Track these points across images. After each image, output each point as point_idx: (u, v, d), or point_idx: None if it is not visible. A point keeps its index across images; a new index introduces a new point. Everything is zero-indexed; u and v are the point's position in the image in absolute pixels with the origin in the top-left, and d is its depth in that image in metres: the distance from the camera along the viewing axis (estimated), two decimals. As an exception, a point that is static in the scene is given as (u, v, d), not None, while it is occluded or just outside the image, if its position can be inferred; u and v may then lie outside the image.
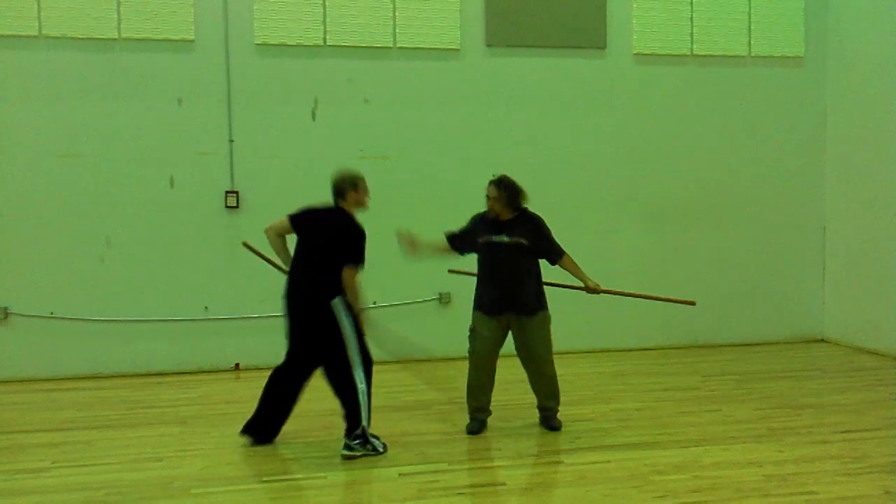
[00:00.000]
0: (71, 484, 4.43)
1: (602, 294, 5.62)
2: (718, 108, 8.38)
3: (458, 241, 5.69)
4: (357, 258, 5.06)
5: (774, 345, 8.34)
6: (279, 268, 5.49)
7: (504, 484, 4.36)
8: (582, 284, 5.55)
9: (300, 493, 4.25)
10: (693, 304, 5.66)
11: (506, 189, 5.37)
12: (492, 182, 5.46)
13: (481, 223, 5.53)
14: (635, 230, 8.23)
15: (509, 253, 5.31)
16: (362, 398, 4.92)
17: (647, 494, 4.16)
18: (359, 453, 4.81)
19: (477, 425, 5.30)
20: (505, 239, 5.32)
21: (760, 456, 4.77)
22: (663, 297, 5.75)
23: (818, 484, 4.30)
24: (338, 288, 4.96)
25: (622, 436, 5.21)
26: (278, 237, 5.34)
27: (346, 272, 4.97)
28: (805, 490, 4.21)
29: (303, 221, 5.26)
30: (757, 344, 8.34)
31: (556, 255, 5.49)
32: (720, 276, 8.40)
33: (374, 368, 5.07)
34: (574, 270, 5.54)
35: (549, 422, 5.34)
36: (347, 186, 5.22)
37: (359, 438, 4.86)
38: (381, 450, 4.90)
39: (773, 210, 8.50)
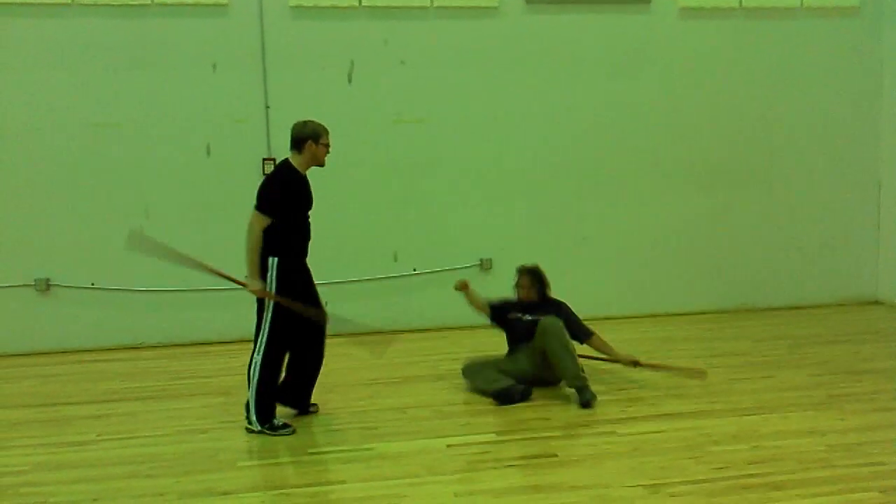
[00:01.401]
0: (115, 457, 4.39)
1: (639, 365, 5.62)
2: (768, 64, 8.03)
3: (495, 311, 5.93)
4: (258, 202, 4.76)
5: (826, 307, 8.08)
6: None
7: (556, 455, 4.23)
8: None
9: (346, 465, 4.16)
10: (704, 374, 5.39)
11: (537, 279, 5.83)
12: (524, 272, 5.88)
13: (512, 304, 5.90)
14: (683, 193, 7.97)
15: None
16: (253, 370, 4.77)
17: (704, 466, 4.01)
18: (253, 428, 4.74)
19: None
20: (536, 317, 5.54)
21: (821, 424, 4.59)
22: (676, 367, 5.54)
23: (885, 454, 4.11)
24: (272, 245, 4.75)
25: (675, 404, 5.04)
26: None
27: (251, 218, 4.75)
28: (872, 461, 4.02)
29: None
30: (808, 307, 8.09)
31: (584, 334, 5.72)
32: (770, 237, 8.14)
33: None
34: (604, 348, 5.72)
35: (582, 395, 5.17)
36: (307, 137, 4.86)
37: (247, 410, 4.79)
38: (257, 429, 4.70)
39: (825, 168, 8.18)
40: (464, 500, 3.68)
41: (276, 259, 4.76)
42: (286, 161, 4.92)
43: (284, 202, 4.79)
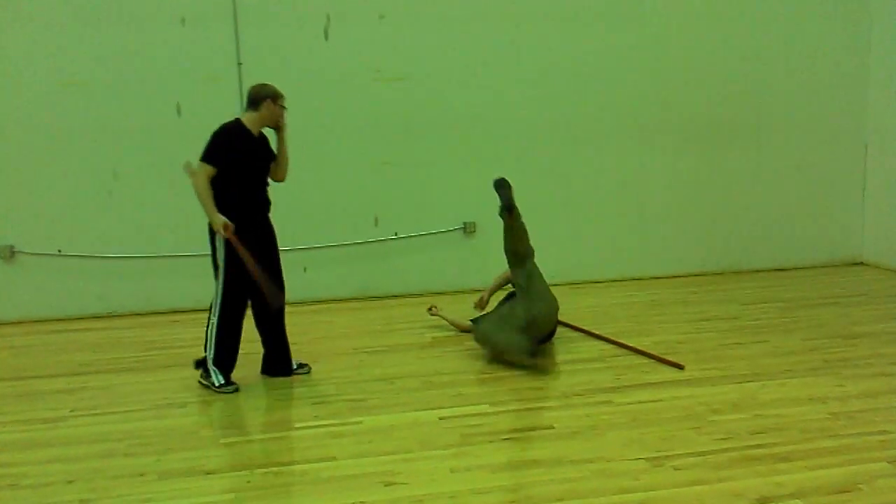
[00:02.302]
0: (91, 434, 4.17)
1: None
2: (757, 18, 7.83)
3: None
4: (203, 153, 4.73)
5: (811, 269, 8.03)
6: None
7: (552, 427, 4.09)
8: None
9: (336, 440, 3.98)
10: (682, 367, 5.13)
11: None
12: None
13: None
14: (669, 152, 7.80)
15: None
16: (210, 330, 4.81)
17: (707, 437, 3.89)
18: (206, 383, 4.80)
19: None
20: None
21: (821, 391, 4.49)
22: (654, 354, 5.30)
23: (888, 422, 4.02)
24: (218, 206, 4.66)
25: (669, 372, 4.93)
26: None
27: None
28: (877, 429, 3.92)
29: None
30: (793, 269, 8.03)
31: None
32: (755, 197, 8.03)
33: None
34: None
35: None
36: (266, 96, 4.81)
37: (201, 367, 4.84)
38: (215, 387, 4.73)
39: (811, 127, 8.05)
40: (461, 476, 3.53)
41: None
42: (236, 119, 4.85)
43: (228, 155, 4.70)
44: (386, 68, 7.29)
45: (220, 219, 4.61)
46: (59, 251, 6.89)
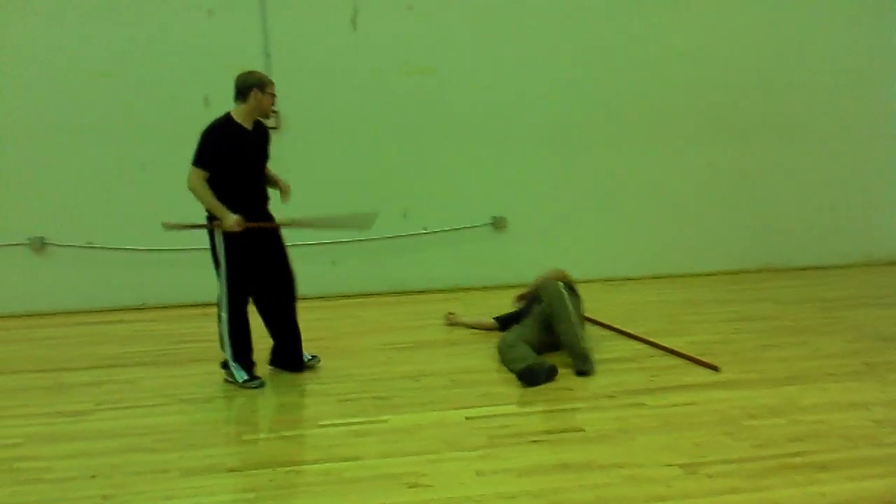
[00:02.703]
0: (114, 429, 4.14)
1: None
2: (791, 7, 7.60)
3: (504, 322, 5.69)
4: (194, 157, 4.59)
5: (852, 268, 7.81)
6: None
7: (582, 429, 3.97)
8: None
9: (359, 439, 3.90)
10: (717, 369, 4.91)
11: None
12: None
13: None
14: (704, 144, 7.63)
15: None
16: (222, 327, 4.73)
17: (743, 443, 3.74)
18: (231, 381, 4.77)
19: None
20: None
21: (864, 397, 4.31)
22: (688, 355, 5.09)
23: (935, 430, 3.84)
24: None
25: (704, 373, 4.77)
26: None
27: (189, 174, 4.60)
28: (923, 438, 3.75)
29: None
30: (833, 267, 7.80)
31: None
32: (793, 192, 7.83)
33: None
34: None
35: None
36: (253, 85, 4.62)
37: (225, 367, 4.78)
38: (240, 384, 4.70)
39: (852, 121, 7.83)
40: (487, 479, 3.42)
41: (215, 221, 4.63)
42: (226, 114, 4.70)
43: (219, 155, 4.57)
44: (414, 60, 7.21)
45: (232, 217, 4.54)
46: (89, 243, 6.91)
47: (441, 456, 3.67)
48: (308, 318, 6.48)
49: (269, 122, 6.96)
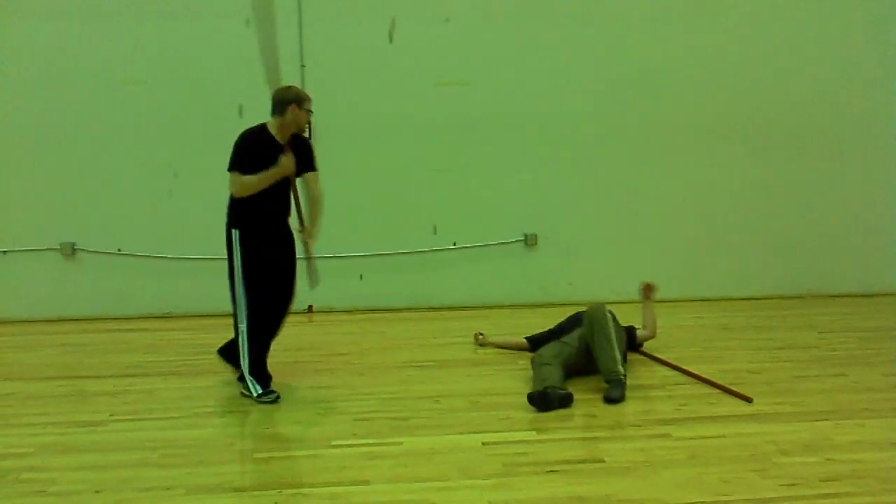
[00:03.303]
0: (126, 441, 4.08)
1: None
2: (833, 22, 7.36)
3: (534, 343, 5.53)
4: (230, 164, 4.63)
5: (894, 296, 7.48)
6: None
7: (602, 460, 3.80)
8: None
9: (371, 462, 3.79)
10: (750, 400, 4.68)
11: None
12: None
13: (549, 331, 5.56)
14: (741, 161, 7.43)
15: None
16: (241, 339, 4.69)
17: (772, 481, 3.54)
18: (246, 394, 4.70)
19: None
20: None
21: (903, 435, 4.09)
22: (720, 384, 4.87)
23: (982, 475, 3.60)
24: (235, 216, 4.67)
25: (736, 404, 4.57)
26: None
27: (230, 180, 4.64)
28: (967, 483, 3.51)
29: None
30: (875, 295, 7.51)
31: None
32: (837, 214, 7.57)
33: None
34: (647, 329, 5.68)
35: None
36: (291, 100, 4.63)
37: (241, 380, 4.71)
38: (255, 396, 4.64)
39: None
40: (499, 510, 3.29)
41: (238, 231, 4.64)
42: (262, 124, 4.72)
43: (251, 160, 4.58)
44: (449, 73, 7.13)
45: (283, 158, 4.56)
46: (119, 250, 6.93)
47: (453, 483, 3.54)
48: (333, 332, 6.47)
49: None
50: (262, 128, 4.68)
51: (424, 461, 3.80)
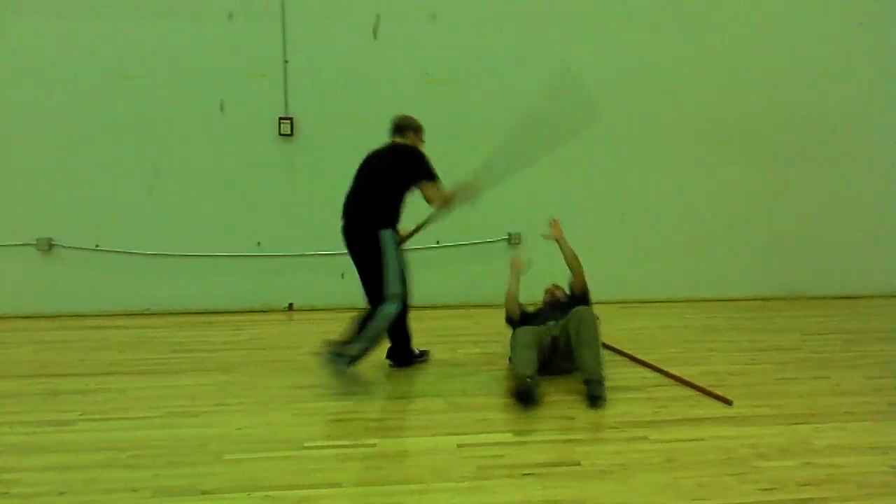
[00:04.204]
0: (95, 441, 4.00)
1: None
2: (831, 27, 7.34)
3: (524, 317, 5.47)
4: (429, 174, 4.98)
5: (880, 298, 7.48)
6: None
7: (579, 463, 3.75)
8: None
9: (343, 464, 3.72)
10: (730, 402, 4.62)
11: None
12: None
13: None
14: (729, 164, 7.40)
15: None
16: (380, 319, 4.83)
17: (749, 486, 3.49)
18: (341, 361, 4.78)
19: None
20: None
21: (883, 439, 4.04)
22: (700, 386, 4.82)
23: (960, 480, 3.56)
24: (384, 218, 4.87)
25: (714, 406, 4.52)
26: None
27: (429, 192, 4.96)
28: (946, 489, 3.47)
29: (359, 169, 5.10)
30: (862, 297, 7.48)
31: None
32: (823, 217, 7.55)
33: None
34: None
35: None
36: (412, 127, 5.19)
37: (343, 355, 4.80)
38: (345, 369, 4.77)
39: (881, 146, 7.55)
40: (471, 514, 3.23)
41: (389, 231, 4.89)
42: (405, 143, 5.13)
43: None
44: (435, 70, 7.05)
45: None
46: (97, 246, 6.84)
47: (425, 486, 3.48)
48: (313, 331, 6.39)
49: (284, 130, 6.88)
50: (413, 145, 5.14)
51: (397, 464, 3.73)
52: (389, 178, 4.91)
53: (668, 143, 7.28)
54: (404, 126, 5.17)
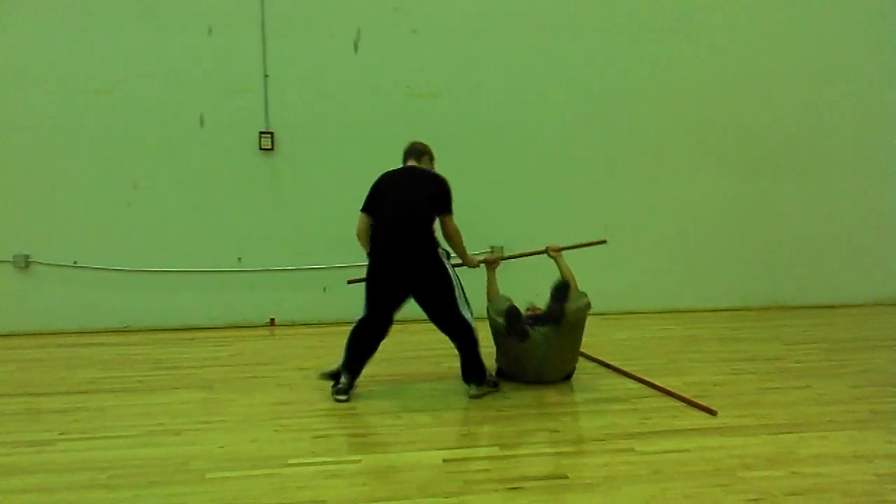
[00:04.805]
0: (75, 462, 3.93)
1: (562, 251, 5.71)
2: (816, 39, 7.42)
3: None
4: (451, 208, 5.05)
5: (861, 307, 7.55)
6: None
7: (565, 476, 3.73)
8: None
9: (327, 481, 3.68)
10: (714, 413, 4.63)
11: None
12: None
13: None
14: (712, 176, 7.47)
15: None
16: (472, 349, 4.96)
17: (736, 496, 3.49)
18: (484, 391, 4.92)
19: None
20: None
21: (867, 448, 4.05)
22: (685, 397, 4.85)
23: (945, 488, 3.58)
24: (438, 247, 4.97)
25: (699, 417, 4.53)
26: (367, 235, 5.06)
27: (450, 225, 5.04)
28: (930, 496, 3.48)
29: (380, 194, 4.98)
30: (844, 306, 7.54)
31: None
32: (806, 228, 7.62)
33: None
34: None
35: None
36: (429, 153, 5.20)
37: (475, 377, 4.94)
38: (485, 391, 4.94)
39: (870, 160, 7.62)
40: (457, 530, 3.20)
41: (443, 252, 5.02)
42: (429, 169, 5.16)
43: None
44: (417, 84, 7.06)
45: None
46: (75, 262, 6.76)
47: (412, 502, 3.44)
48: (295, 346, 6.35)
49: (265, 144, 6.85)
50: (431, 169, 5.18)
51: (382, 480, 3.70)
52: (424, 204, 4.91)
53: (650, 155, 7.32)
54: (423, 151, 5.17)
